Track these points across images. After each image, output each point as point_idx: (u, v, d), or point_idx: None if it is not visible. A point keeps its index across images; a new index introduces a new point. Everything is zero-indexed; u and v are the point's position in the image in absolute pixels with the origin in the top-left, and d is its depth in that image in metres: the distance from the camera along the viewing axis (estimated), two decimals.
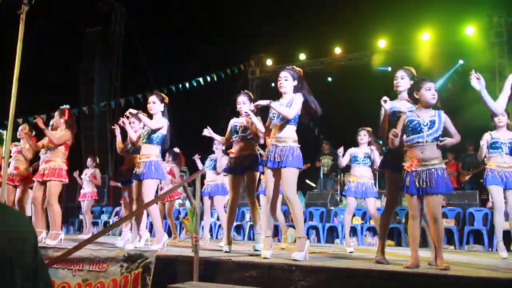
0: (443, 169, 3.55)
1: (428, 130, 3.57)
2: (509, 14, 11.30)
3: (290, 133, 4.10)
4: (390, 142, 3.77)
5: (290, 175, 3.99)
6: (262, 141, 4.88)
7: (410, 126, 3.64)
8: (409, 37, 12.39)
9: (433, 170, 3.51)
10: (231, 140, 5.02)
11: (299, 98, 4.09)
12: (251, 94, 5.07)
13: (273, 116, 4.17)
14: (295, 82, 4.18)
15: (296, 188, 4.18)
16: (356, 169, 5.91)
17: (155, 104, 4.98)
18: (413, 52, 12.31)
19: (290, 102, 4.09)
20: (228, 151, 5.14)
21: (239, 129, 4.90)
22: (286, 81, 4.16)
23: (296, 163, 4.02)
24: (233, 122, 5.04)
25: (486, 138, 5.30)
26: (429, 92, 3.63)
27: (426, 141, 3.55)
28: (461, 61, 11.99)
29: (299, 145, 4.13)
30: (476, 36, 11.48)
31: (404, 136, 3.70)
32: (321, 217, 9.05)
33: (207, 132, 5.20)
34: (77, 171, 8.58)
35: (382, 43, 12.78)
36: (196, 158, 7.32)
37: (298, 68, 4.30)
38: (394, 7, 11.06)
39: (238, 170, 4.84)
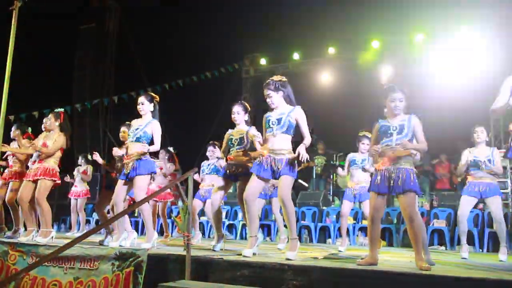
0: (413, 170, 3.69)
1: (397, 135, 3.72)
2: (505, 17, 11.30)
3: (286, 144, 4.19)
4: (373, 159, 3.91)
5: (287, 183, 4.11)
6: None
7: (381, 130, 3.82)
8: (403, 38, 12.40)
9: (403, 169, 3.65)
10: (229, 153, 5.03)
11: (301, 113, 4.19)
12: (246, 104, 5.08)
13: (273, 124, 4.20)
14: (281, 93, 4.25)
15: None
16: (355, 173, 6.04)
17: (144, 105, 5.02)
18: (407, 53, 12.32)
19: (293, 117, 4.16)
20: (227, 157, 5.13)
21: (235, 142, 4.93)
22: (271, 97, 4.26)
23: (292, 173, 4.13)
24: (229, 135, 5.04)
25: (466, 156, 5.48)
26: (393, 103, 3.78)
27: (396, 144, 3.69)
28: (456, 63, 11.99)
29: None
30: (471, 38, 11.50)
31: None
32: (313, 217, 9.09)
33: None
34: (67, 175, 8.56)
35: (375, 43, 12.80)
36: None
37: (278, 77, 4.32)
38: (388, 8, 11.08)
39: (233, 177, 4.89)
